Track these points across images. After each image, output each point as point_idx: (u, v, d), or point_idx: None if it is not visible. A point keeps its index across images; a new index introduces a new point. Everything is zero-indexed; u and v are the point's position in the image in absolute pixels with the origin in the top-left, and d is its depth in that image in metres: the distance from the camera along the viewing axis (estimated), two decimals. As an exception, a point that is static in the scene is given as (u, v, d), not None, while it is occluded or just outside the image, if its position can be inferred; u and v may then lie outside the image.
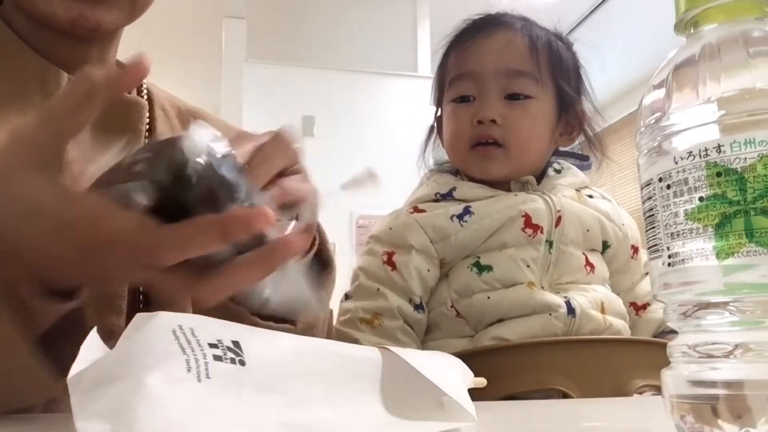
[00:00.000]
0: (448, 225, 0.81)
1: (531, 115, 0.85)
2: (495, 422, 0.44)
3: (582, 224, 0.82)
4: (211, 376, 0.29)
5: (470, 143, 0.86)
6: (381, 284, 0.81)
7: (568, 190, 0.87)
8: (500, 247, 0.79)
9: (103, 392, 0.27)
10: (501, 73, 0.85)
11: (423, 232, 0.82)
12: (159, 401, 0.27)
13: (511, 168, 0.85)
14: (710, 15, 0.34)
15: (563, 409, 0.55)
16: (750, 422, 0.29)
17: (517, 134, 0.84)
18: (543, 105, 0.86)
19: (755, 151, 0.29)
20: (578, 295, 0.77)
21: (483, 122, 0.84)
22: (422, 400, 0.38)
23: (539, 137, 0.87)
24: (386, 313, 0.79)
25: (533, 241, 0.79)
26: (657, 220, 0.33)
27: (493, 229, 0.80)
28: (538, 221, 0.80)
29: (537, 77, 0.85)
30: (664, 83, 0.33)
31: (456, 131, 0.88)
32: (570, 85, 0.89)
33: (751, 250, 0.29)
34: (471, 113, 0.85)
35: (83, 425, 0.26)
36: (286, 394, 0.32)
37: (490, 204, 0.82)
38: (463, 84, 0.88)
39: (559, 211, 0.81)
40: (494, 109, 0.84)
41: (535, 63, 0.86)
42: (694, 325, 0.32)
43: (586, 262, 0.81)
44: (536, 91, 0.85)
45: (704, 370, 0.31)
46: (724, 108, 0.31)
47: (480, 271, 0.79)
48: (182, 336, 0.31)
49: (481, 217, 0.81)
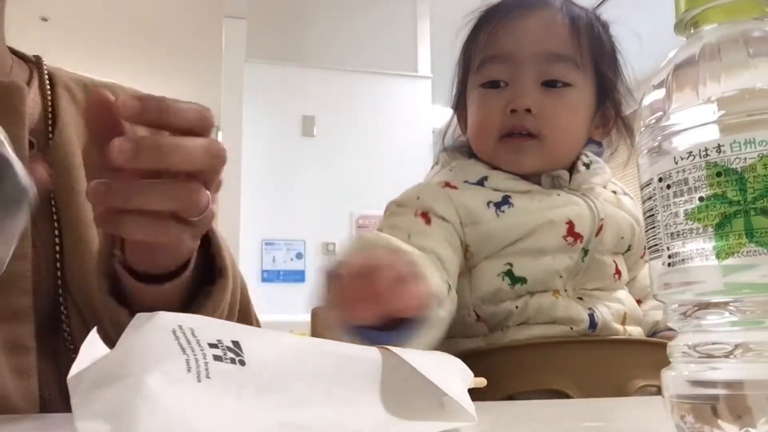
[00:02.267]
0: (483, 210, 0.74)
1: (570, 104, 0.78)
2: (495, 422, 0.44)
3: (619, 231, 0.78)
4: (211, 376, 0.29)
5: (500, 133, 0.78)
6: (413, 233, 0.72)
7: (605, 191, 0.82)
8: (536, 253, 0.73)
9: (104, 392, 0.27)
10: (538, 56, 0.77)
11: (454, 209, 0.74)
12: (159, 401, 0.27)
13: (545, 162, 0.79)
14: (710, 15, 0.34)
15: (563, 409, 0.55)
16: (750, 422, 0.29)
17: (553, 126, 0.77)
18: (583, 94, 0.79)
19: (755, 151, 0.29)
20: (602, 306, 0.73)
21: (516, 111, 0.77)
22: (422, 400, 0.38)
23: (577, 129, 0.80)
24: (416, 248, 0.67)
25: (570, 250, 0.74)
26: (657, 220, 0.33)
27: (531, 229, 0.73)
28: (580, 230, 0.74)
29: (578, 63, 0.78)
30: (664, 83, 0.34)
31: (484, 120, 0.80)
32: (610, 71, 0.82)
33: (751, 250, 0.29)
34: (503, 100, 0.78)
35: (83, 425, 0.26)
36: (286, 394, 0.32)
37: (532, 200, 0.75)
38: (495, 67, 0.80)
39: (602, 219, 0.76)
40: (530, 97, 0.76)
41: (576, 47, 0.78)
42: (694, 325, 0.32)
43: (616, 269, 0.77)
44: (576, 78, 0.78)
45: (704, 370, 0.31)
46: (724, 108, 0.31)
47: (513, 282, 0.73)
48: (182, 336, 0.31)
49: (520, 212, 0.74)
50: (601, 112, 0.82)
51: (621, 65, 0.85)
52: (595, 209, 0.76)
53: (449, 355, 0.46)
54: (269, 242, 4.49)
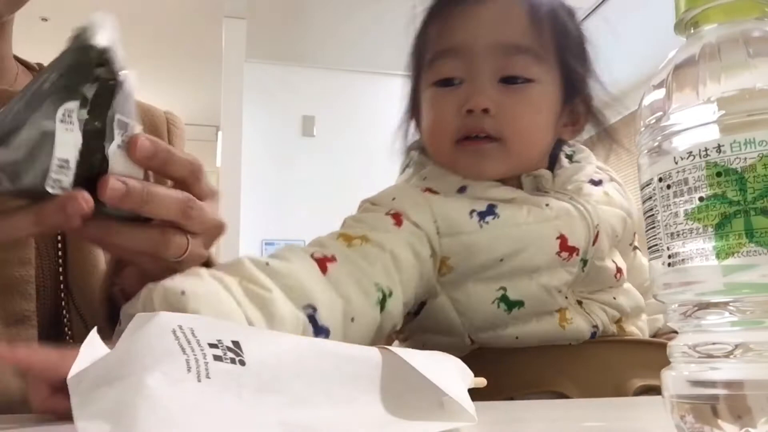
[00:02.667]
0: (465, 220, 0.67)
1: (532, 102, 0.70)
2: (495, 422, 0.44)
3: (613, 231, 0.72)
4: (212, 376, 0.29)
5: (457, 136, 0.71)
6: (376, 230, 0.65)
7: (594, 189, 0.75)
8: (530, 272, 0.67)
9: (104, 392, 0.27)
10: (495, 49, 0.70)
11: (431, 217, 0.67)
12: (159, 401, 0.27)
13: (509, 167, 0.71)
14: (710, 15, 0.34)
15: (563, 409, 0.55)
16: (750, 422, 0.29)
17: (515, 126, 0.69)
18: (546, 89, 0.71)
19: (755, 151, 0.29)
20: (601, 311, 0.70)
21: (473, 112, 0.69)
22: (422, 400, 0.38)
23: (542, 129, 0.72)
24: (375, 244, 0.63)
25: (567, 264, 0.68)
26: (657, 220, 0.33)
27: (519, 244, 0.66)
28: (575, 242, 0.68)
29: (539, 55, 0.70)
30: (664, 83, 0.34)
31: (438, 122, 0.72)
32: (576, 62, 0.74)
33: (751, 250, 0.29)
34: (458, 100, 0.70)
35: (83, 425, 0.26)
36: (286, 394, 0.32)
37: (519, 211, 0.68)
38: (448, 63, 0.72)
39: (597, 226, 0.70)
40: (487, 96, 0.69)
41: (536, 37, 0.70)
42: (694, 325, 0.32)
43: (616, 269, 0.72)
44: (538, 72, 0.70)
45: (704, 370, 0.31)
46: (724, 108, 0.31)
47: (510, 308, 0.67)
48: (182, 336, 0.31)
49: (506, 223, 0.67)
50: (570, 109, 0.75)
51: (590, 57, 0.77)
52: (589, 216, 0.70)
53: (449, 355, 0.46)
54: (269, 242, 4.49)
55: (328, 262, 0.59)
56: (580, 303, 0.70)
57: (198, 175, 0.50)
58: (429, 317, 0.70)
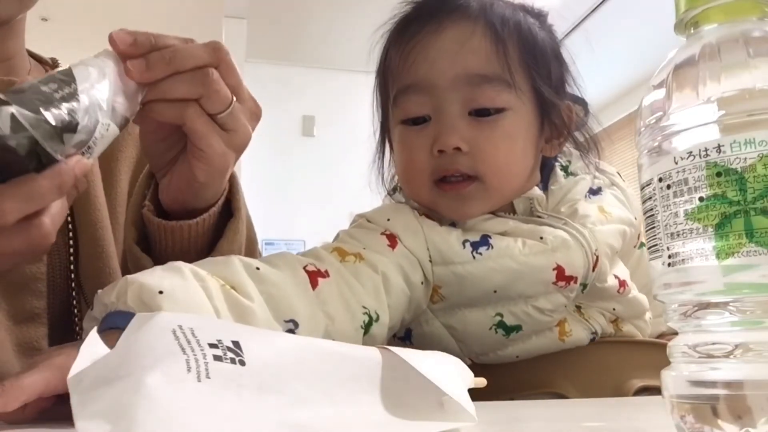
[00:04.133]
0: (458, 250, 0.64)
1: (506, 133, 0.65)
2: (495, 422, 0.44)
3: (612, 250, 0.69)
4: (211, 376, 0.29)
5: (432, 178, 0.67)
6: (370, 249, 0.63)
7: (590, 206, 0.71)
8: (526, 299, 0.65)
9: (104, 392, 0.27)
10: (460, 81, 0.65)
11: (424, 244, 0.65)
12: (159, 401, 0.27)
13: (493, 203, 0.68)
14: (710, 15, 0.34)
15: (563, 409, 0.55)
16: (750, 422, 0.29)
17: (491, 163, 0.65)
18: (519, 115, 0.66)
19: (755, 151, 0.29)
20: (599, 317, 0.70)
21: (445, 151, 0.65)
22: (422, 400, 0.38)
23: (520, 158, 0.67)
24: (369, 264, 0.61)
25: (565, 290, 0.65)
26: (657, 221, 0.33)
27: (514, 276, 0.64)
28: (573, 272, 0.65)
29: (508, 81, 0.65)
30: (664, 83, 0.34)
31: (411, 164, 0.68)
32: (551, 78, 0.69)
33: (751, 250, 0.29)
34: (428, 140, 0.66)
35: (83, 425, 0.26)
36: (286, 394, 0.32)
37: (515, 243, 0.65)
38: (413, 99, 0.67)
39: (596, 252, 0.66)
40: (457, 133, 0.64)
41: (502, 60, 0.65)
42: (694, 325, 0.32)
43: (619, 283, 0.69)
44: (509, 99, 0.65)
45: (704, 370, 0.31)
46: (724, 108, 0.31)
47: (508, 333, 0.65)
48: (182, 336, 0.31)
49: (501, 255, 0.64)
50: (549, 124, 0.70)
51: (564, 62, 0.72)
52: (586, 243, 0.66)
53: (449, 356, 0.46)
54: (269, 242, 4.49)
55: (320, 277, 0.58)
56: (579, 308, 0.70)
57: (221, 55, 0.51)
58: (424, 344, 0.69)
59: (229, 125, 0.53)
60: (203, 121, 0.51)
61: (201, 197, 0.57)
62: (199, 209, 0.58)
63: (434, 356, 0.44)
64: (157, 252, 0.58)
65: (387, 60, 0.71)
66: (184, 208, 0.58)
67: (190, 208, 0.58)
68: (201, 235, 0.58)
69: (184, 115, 0.51)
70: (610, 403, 0.59)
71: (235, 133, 0.53)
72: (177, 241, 0.58)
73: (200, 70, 0.50)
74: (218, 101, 0.51)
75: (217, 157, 0.53)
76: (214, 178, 0.55)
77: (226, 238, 0.59)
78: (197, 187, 0.55)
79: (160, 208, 0.59)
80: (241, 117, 0.54)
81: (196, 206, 0.58)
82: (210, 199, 0.58)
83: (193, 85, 0.50)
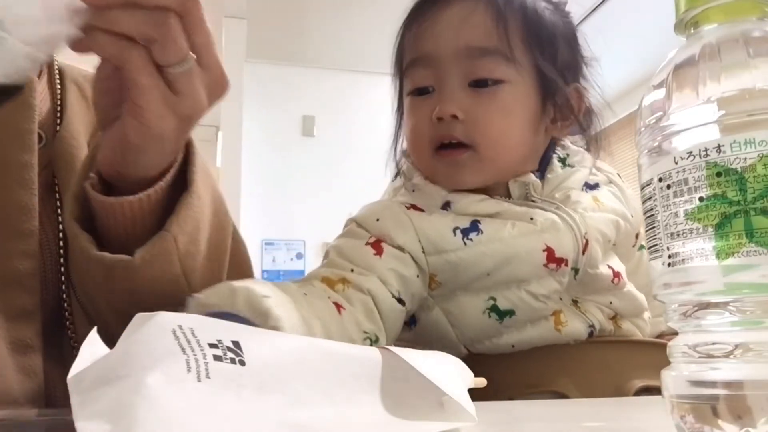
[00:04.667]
0: (449, 239, 0.67)
1: (503, 104, 0.69)
2: (495, 422, 0.44)
3: (604, 237, 0.70)
4: (211, 376, 0.29)
5: (432, 145, 0.70)
6: (356, 266, 0.65)
7: (583, 195, 0.73)
8: (519, 283, 0.67)
9: (103, 392, 0.27)
10: (460, 54, 0.69)
11: (415, 237, 0.67)
12: (159, 401, 0.27)
13: (488, 174, 0.70)
14: (710, 15, 0.34)
15: (563, 409, 0.55)
16: (750, 422, 0.29)
17: (486, 131, 0.68)
18: (517, 89, 0.69)
19: (755, 151, 0.29)
20: (597, 311, 0.70)
21: (442, 119, 0.68)
22: (422, 400, 0.38)
23: (518, 131, 0.70)
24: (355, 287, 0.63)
25: (557, 274, 0.67)
26: (657, 220, 0.33)
27: (505, 259, 0.66)
28: (563, 254, 0.66)
29: (507, 54, 0.68)
30: (664, 83, 0.34)
31: (415, 132, 0.72)
32: (556, 57, 0.72)
33: (751, 250, 0.29)
34: (430, 109, 0.69)
35: (83, 425, 0.26)
36: (286, 394, 0.32)
37: (503, 226, 0.67)
38: (419, 72, 0.72)
39: (585, 235, 0.68)
40: (455, 102, 0.68)
41: (502, 35, 0.68)
42: (694, 325, 0.32)
43: (613, 274, 0.70)
44: (507, 72, 0.69)
45: (704, 370, 0.31)
46: (724, 108, 0.31)
47: (501, 317, 0.66)
48: (182, 336, 0.31)
49: (491, 239, 0.66)
50: (552, 105, 0.72)
51: (578, 46, 0.74)
52: (576, 227, 0.68)
53: (449, 356, 0.46)
54: (269, 242, 4.50)
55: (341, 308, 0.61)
56: (576, 302, 0.70)
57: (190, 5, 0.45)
58: (424, 330, 0.70)
59: (179, 85, 0.46)
60: (147, 72, 0.45)
61: (136, 164, 0.50)
62: (144, 181, 0.51)
63: (435, 356, 0.44)
64: (100, 231, 0.53)
65: (402, 35, 0.76)
66: (119, 174, 0.51)
67: (126, 176, 0.51)
68: (148, 213, 0.52)
69: (126, 57, 0.44)
70: (610, 403, 0.59)
71: (183, 98, 0.47)
72: (119, 220, 0.51)
73: (161, 11, 0.43)
74: (172, 52, 0.45)
75: (154, 118, 0.47)
76: (149, 143, 0.48)
77: (176, 214, 0.52)
78: (130, 150, 0.49)
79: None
80: (195, 81, 0.47)
81: (132, 174, 0.51)
82: (149, 168, 0.51)
83: (146, 23, 0.43)
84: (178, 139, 0.51)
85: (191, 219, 0.53)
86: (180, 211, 0.52)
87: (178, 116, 0.48)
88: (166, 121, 0.47)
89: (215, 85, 0.49)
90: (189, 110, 0.48)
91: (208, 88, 0.48)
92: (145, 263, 0.51)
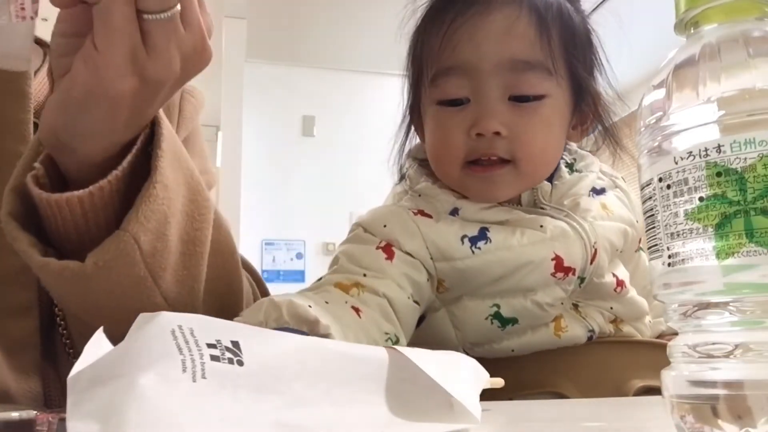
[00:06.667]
0: (457, 246, 0.65)
1: (544, 118, 0.67)
2: (495, 422, 0.44)
3: (612, 246, 0.69)
4: (207, 376, 0.29)
5: (466, 159, 0.67)
6: (369, 270, 0.64)
7: (592, 201, 0.72)
8: (525, 292, 0.66)
9: (97, 392, 0.27)
10: (503, 66, 0.65)
11: (423, 243, 0.66)
12: (150, 401, 0.27)
13: (521, 188, 0.69)
14: (710, 15, 0.34)
15: (563, 409, 0.55)
16: (750, 422, 0.29)
17: (529, 148, 0.66)
18: (558, 102, 0.68)
19: (755, 151, 0.29)
20: (598, 315, 0.70)
21: (483, 135, 0.66)
22: (429, 401, 0.37)
23: (556, 143, 0.69)
24: (370, 290, 0.62)
25: (563, 282, 0.66)
26: (657, 220, 0.33)
27: (513, 267, 0.65)
28: (571, 263, 0.65)
29: (550, 68, 0.66)
30: (664, 83, 0.33)
31: (445, 144, 0.68)
32: (587, 64, 0.70)
33: (751, 250, 0.29)
34: (465, 122, 0.66)
35: (73, 425, 0.26)
36: (284, 395, 0.32)
37: (513, 234, 0.66)
38: (453, 81, 0.67)
39: (594, 244, 0.67)
40: (498, 118, 0.65)
41: (546, 47, 0.66)
42: (694, 325, 0.32)
43: (617, 282, 0.69)
44: (549, 87, 0.66)
45: (704, 370, 0.31)
46: (724, 108, 0.30)
47: (503, 324, 0.66)
48: (180, 336, 0.30)
49: (499, 247, 0.65)
50: (578, 111, 0.71)
51: (596, 49, 0.72)
52: (585, 235, 0.67)
53: (463, 355, 0.46)
54: (269, 242, 4.49)
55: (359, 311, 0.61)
56: (576, 306, 0.70)
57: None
58: (426, 329, 0.71)
59: (154, 39, 0.40)
60: (124, 12, 0.39)
61: (75, 128, 0.43)
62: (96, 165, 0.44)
63: (448, 356, 0.43)
64: (47, 229, 0.46)
65: (426, 37, 0.70)
66: (61, 146, 0.44)
67: (68, 149, 0.44)
68: (102, 208, 0.45)
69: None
70: (610, 403, 0.59)
71: (155, 57, 0.40)
72: (68, 218, 0.44)
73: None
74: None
75: (112, 72, 0.39)
76: (95, 102, 0.41)
77: (135, 210, 0.44)
78: (70, 106, 0.41)
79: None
80: (171, 43, 0.41)
81: (74, 146, 0.44)
82: (93, 139, 0.43)
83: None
84: (137, 110, 0.43)
85: (156, 213, 0.46)
86: (140, 206, 0.45)
87: (143, 78, 0.41)
88: (126, 82, 0.40)
89: (193, 52, 0.42)
90: (157, 73, 0.41)
91: (186, 54, 0.42)
92: (99, 269, 0.45)
